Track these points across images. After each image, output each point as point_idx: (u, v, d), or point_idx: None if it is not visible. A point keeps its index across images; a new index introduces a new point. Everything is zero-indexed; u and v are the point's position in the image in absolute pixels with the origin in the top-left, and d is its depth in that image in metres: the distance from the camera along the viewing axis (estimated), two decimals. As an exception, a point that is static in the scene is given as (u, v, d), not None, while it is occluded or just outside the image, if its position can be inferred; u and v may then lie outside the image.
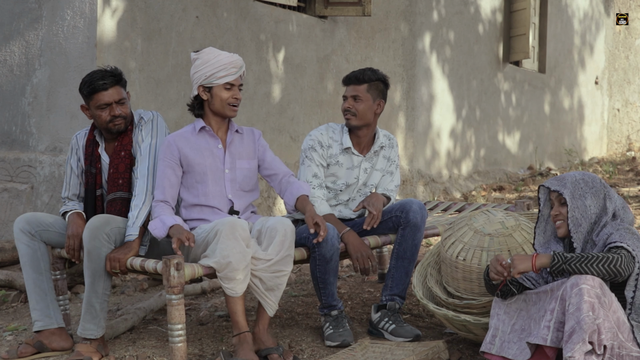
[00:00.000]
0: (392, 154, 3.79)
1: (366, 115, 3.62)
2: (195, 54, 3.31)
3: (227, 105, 3.28)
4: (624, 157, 11.14)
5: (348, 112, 3.62)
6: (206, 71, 3.25)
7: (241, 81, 3.34)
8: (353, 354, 3.11)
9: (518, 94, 9.58)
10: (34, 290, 3.27)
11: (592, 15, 11.51)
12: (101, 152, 3.34)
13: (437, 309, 3.14)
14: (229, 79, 3.26)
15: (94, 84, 3.22)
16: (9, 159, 5.16)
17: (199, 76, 3.26)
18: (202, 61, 3.26)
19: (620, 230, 2.67)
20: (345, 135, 3.67)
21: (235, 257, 2.95)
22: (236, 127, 3.39)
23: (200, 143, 3.31)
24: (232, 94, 3.28)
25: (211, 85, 3.26)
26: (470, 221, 3.25)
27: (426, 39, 7.84)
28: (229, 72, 3.26)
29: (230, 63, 3.26)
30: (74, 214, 3.31)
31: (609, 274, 2.56)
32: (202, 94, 3.29)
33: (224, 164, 3.33)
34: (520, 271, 2.69)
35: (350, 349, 3.19)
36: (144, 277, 4.67)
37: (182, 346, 2.95)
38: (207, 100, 3.29)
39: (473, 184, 8.61)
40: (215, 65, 3.24)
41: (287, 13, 6.25)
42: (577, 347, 2.44)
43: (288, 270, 3.15)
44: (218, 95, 3.27)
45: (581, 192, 2.76)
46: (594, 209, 2.75)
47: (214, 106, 3.29)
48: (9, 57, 5.21)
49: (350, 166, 3.68)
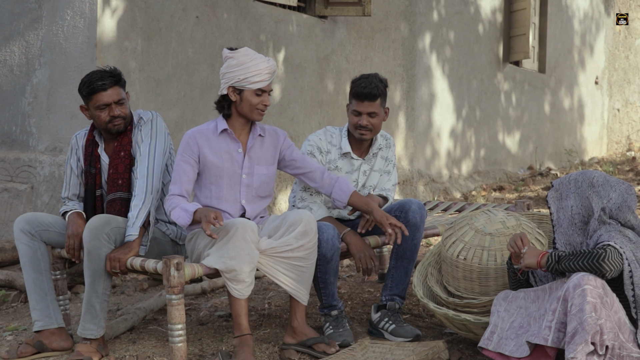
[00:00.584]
0: (389, 154, 3.78)
1: (379, 127, 3.62)
2: (229, 52, 3.22)
3: (256, 110, 3.21)
4: (624, 157, 11.14)
5: (364, 129, 3.55)
6: (240, 74, 3.16)
7: (271, 87, 3.27)
8: (353, 354, 3.10)
9: (518, 94, 9.58)
10: (34, 290, 3.27)
11: (592, 15, 11.51)
12: (101, 153, 3.34)
13: (438, 308, 3.14)
14: (262, 85, 3.18)
15: (93, 85, 3.22)
16: (9, 159, 5.16)
17: (231, 77, 3.18)
18: (237, 62, 3.17)
19: (610, 231, 2.70)
20: (344, 140, 3.64)
21: (245, 259, 2.95)
22: (259, 131, 3.31)
23: (220, 145, 3.25)
24: (262, 100, 3.20)
25: (242, 89, 3.19)
26: (471, 221, 3.25)
27: (426, 39, 7.84)
28: (264, 78, 3.18)
29: (265, 69, 3.18)
30: (74, 213, 3.31)
31: (593, 268, 2.57)
32: (231, 95, 3.21)
33: (241, 169, 3.27)
34: (527, 265, 2.73)
35: (350, 348, 3.19)
36: (144, 277, 4.67)
37: (182, 346, 2.95)
38: (236, 101, 3.22)
39: (473, 184, 8.61)
40: (250, 70, 3.16)
41: (287, 13, 6.25)
42: (580, 348, 2.44)
43: (312, 260, 3.16)
44: (248, 100, 3.19)
45: (567, 193, 2.83)
46: (576, 209, 2.79)
47: (242, 109, 3.22)
48: (9, 57, 5.21)
49: (349, 170, 3.66)
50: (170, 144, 3.38)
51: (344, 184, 3.41)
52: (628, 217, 2.77)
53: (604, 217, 2.75)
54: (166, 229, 3.38)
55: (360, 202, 3.40)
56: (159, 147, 3.29)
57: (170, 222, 3.40)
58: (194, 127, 5.43)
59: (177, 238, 3.41)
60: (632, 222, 2.77)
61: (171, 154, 3.40)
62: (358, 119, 3.55)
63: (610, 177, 2.84)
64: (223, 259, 2.96)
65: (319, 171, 3.41)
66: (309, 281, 3.19)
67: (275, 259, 3.10)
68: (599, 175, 2.82)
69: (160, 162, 3.27)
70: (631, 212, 2.79)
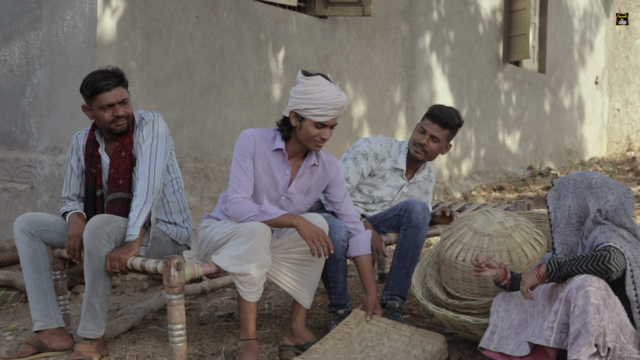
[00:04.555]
0: (429, 187, 3.92)
1: (434, 155, 3.70)
2: (303, 77, 3.11)
3: (313, 141, 3.11)
4: (624, 157, 11.15)
5: (420, 147, 3.64)
6: (304, 102, 3.06)
7: (336, 121, 3.13)
8: (348, 332, 3.10)
9: (518, 94, 9.59)
10: (34, 290, 3.28)
11: (592, 15, 11.51)
12: (101, 153, 3.34)
13: (437, 310, 3.14)
14: (323, 120, 3.06)
15: (97, 85, 3.21)
16: (9, 159, 5.16)
17: (296, 102, 3.08)
18: (305, 90, 3.06)
19: (605, 232, 2.70)
20: (402, 156, 3.72)
21: (260, 264, 2.95)
22: (314, 160, 3.21)
23: (271, 161, 3.16)
24: (320, 133, 3.09)
25: (304, 117, 3.09)
26: (470, 222, 3.24)
27: (426, 38, 7.84)
28: (327, 113, 3.06)
29: (330, 104, 3.05)
30: (75, 214, 3.31)
31: (600, 271, 2.57)
32: (292, 120, 3.12)
33: (283, 192, 3.21)
34: (529, 285, 2.72)
35: (344, 323, 3.17)
36: (144, 277, 4.67)
37: (182, 346, 2.95)
38: (296, 127, 3.12)
39: (473, 184, 8.61)
40: (315, 102, 3.05)
41: (287, 13, 6.25)
42: (584, 350, 2.44)
43: (319, 265, 3.16)
44: (307, 129, 3.09)
45: (566, 193, 2.84)
46: (573, 209, 2.80)
47: (299, 136, 3.12)
48: (9, 57, 5.21)
49: (393, 185, 3.75)
50: (172, 145, 3.38)
51: (363, 243, 3.33)
52: (623, 220, 2.76)
53: (599, 218, 2.75)
54: (166, 229, 3.38)
55: (364, 270, 3.31)
56: (161, 148, 3.28)
57: (170, 222, 3.40)
58: (194, 127, 5.47)
59: (177, 238, 3.42)
60: (627, 225, 2.76)
61: (172, 155, 3.40)
62: (421, 136, 3.64)
63: (610, 180, 2.84)
64: (240, 261, 2.94)
65: (349, 217, 3.34)
66: (313, 285, 3.19)
67: (279, 261, 3.10)
68: (598, 177, 2.82)
69: (162, 163, 3.27)
70: (627, 215, 2.78)
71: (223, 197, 3.30)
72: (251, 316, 3.04)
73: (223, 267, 2.98)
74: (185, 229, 3.44)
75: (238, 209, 3.05)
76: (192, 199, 5.40)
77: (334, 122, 3.12)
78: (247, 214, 3.02)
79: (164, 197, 3.36)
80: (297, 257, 3.12)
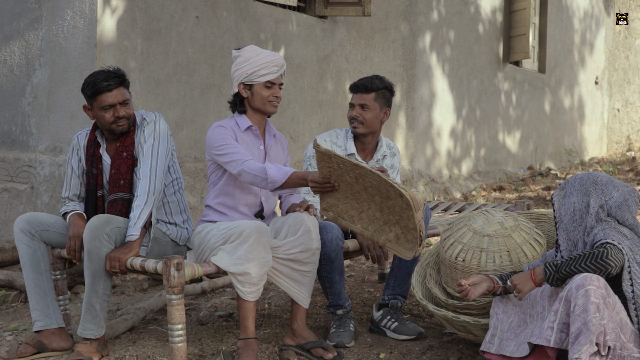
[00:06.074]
0: (394, 161, 3.87)
1: (373, 124, 3.66)
2: (236, 51, 3.33)
3: (268, 102, 3.31)
4: (624, 157, 11.15)
5: (355, 121, 3.65)
6: (247, 69, 3.27)
7: (282, 80, 3.35)
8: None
9: (518, 94, 9.59)
10: (34, 290, 3.28)
11: (592, 15, 11.51)
12: (102, 153, 3.34)
13: (437, 310, 3.14)
14: (270, 77, 3.28)
15: (98, 85, 3.20)
16: (9, 159, 5.17)
17: (240, 74, 3.29)
18: (243, 59, 3.29)
19: (605, 229, 2.71)
20: (349, 141, 3.71)
21: (259, 263, 2.96)
22: (274, 131, 3.43)
23: (245, 140, 3.32)
24: (272, 92, 3.31)
25: (252, 83, 3.29)
26: (469, 222, 3.24)
27: (426, 38, 7.84)
28: (271, 71, 3.28)
29: (271, 61, 3.28)
30: (75, 214, 3.31)
31: (599, 268, 2.57)
32: (242, 92, 3.32)
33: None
34: (526, 291, 2.72)
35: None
36: (144, 277, 4.67)
37: (182, 346, 2.95)
38: (248, 97, 3.32)
39: (473, 184, 8.61)
40: (256, 64, 3.26)
41: (287, 13, 6.25)
42: (585, 349, 2.44)
43: (314, 264, 3.19)
44: (259, 93, 3.29)
45: (571, 190, 2.87)
46: (578, 205, 2.82)
47: (254, 103, 3.31)
48: (9, 57, 5.21)
49: None
50: (173, 145, 3.38)
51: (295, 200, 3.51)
52: (627, 216, 2.77)
53: (601, 214, 2.76)
54: (166, 229, 3.38)
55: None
56: (162, 148, 3.29)
57: (170, 222, 3.40)
58: (194, 127, 5.47)
59: (177, 238, 3.42)
60: (630, 222, 2.77)
61: (173, 155, 3.40)
62: (351, 111, 3.66)
63: (616, 179, 2.88)
64: (239, 261, 2.95)
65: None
66: (310, 285, 3.21)
67: (278, 261, 3.11)
68: (604, 176, 2.86)
69: (163, 163, 3.27)
70: (630, 213, 2.79)
71: (213, 193, 3.35)
72: (250, 315, 3.04)
73: (222, 267, 2.99)
74: (185, 230, 3.44)
75: (248, 173, 3.11)
76: (192, 199, 5.40)
77: (280, 80, 3.33)
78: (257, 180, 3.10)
79: (164, 197, 3.36)
80: (293, 256, 3.13)
